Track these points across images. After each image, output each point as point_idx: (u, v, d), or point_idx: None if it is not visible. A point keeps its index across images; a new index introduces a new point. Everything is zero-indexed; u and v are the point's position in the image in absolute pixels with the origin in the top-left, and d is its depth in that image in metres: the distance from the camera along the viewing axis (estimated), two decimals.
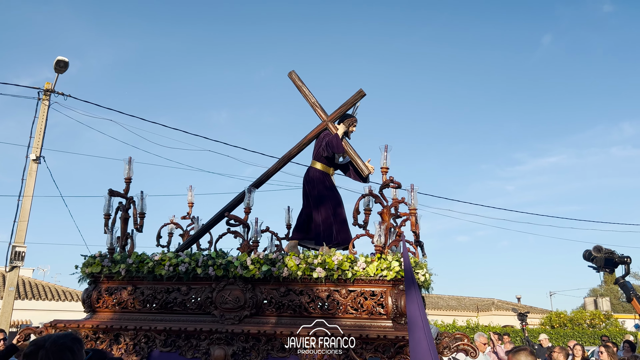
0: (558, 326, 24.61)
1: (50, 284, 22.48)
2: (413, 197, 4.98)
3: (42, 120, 12.67)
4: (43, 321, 19.51)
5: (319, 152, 5.56)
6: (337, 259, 4.44)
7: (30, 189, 12.21)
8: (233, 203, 5.72)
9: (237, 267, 4.60)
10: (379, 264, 4.41)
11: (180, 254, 4.91)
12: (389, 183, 4.91)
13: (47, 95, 12.78)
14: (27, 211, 12.21)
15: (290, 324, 4.41)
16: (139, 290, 4.89)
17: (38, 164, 12.48)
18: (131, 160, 5.37)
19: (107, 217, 5.22)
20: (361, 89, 5.63)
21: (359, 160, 5.51)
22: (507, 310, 30.77)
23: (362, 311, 4.41)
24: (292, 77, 5.98)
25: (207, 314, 4.65)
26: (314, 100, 5.83)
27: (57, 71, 12.64)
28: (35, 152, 12.43)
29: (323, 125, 5.70)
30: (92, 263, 4.97)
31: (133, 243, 5.16)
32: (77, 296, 21.46)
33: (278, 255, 4.63)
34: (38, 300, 20.19)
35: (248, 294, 4.57)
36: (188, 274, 4.73)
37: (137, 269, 4.85)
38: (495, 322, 25.73)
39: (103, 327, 4.67)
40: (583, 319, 25.43)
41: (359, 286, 4.47)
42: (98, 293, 4.96)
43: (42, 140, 12.62)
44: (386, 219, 4.74)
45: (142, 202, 5.36)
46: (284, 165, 5.78)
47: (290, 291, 4.57)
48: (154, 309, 4.83)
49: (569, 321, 25.24)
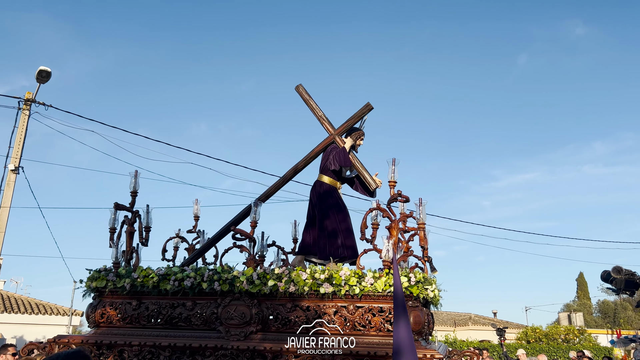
0: (534, 341, 25.14)
1: (22, 297, 22.04)
2: (421, 212, 4.91)
3: (22, 130, 12.46)
4: (16, 335, 19.15)
5: (326, 165, 5.51)
6: (344, 274, 4.37)
7: (8, 200, 11.98)
8: (239, 217, 5.67)
9: (243, 282, 4.53)
10: (387, 279, 4.33)
11: (186, 269, 4.85)
12: (397, 197, 4.85)
13: (28, 105, 12.61)
14: (4, 222, 11.96)
15: None
16: (143, 305, 4.82)
17: (17, 174, 12.23)
18: (137, 174, 5.34)
19: (113, 231, 5.17)
20: (369, 103, 5.61)
21: (366, 174, 5.46)
22: (484, 325, 31.49)
23: (370, 328, 4.32)
24: (299, 90, 5.96)
25: (212, 330, 4.58)
26: (321, 114, 5.81)
27: (39, 81, 12.43)
28: (14, 162, 12.21)
29: (330, 139, 5.66)
30: (97, 277, 4.92)
31: (138, 257, 5.10)
32: (50, 309, 21.14)
33: (284, 270, 4.56)
34: (10, 313, 19.67)
35: (254, 309, 4.49)
36: (193, 289, 4.66)
37: (142, 283, 4.79)
38: (473, 336, 26.27)
39: (107, 342, 4.59)
40: (558, 334, 25.97)
41: (367, 302, 4.39)
42: (102, 308, 4.89)
43: (22, 151, 12.41)
44: (394, 233, 4.67)
45: (148, 216, 5.32)
46: (290, 178, 5.74)
47: (297, 307, 4.49)
48: (158, 325, 4.75)
49: (544, 336, 25.76)
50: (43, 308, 21.01)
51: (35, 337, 19.26)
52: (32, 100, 12.69)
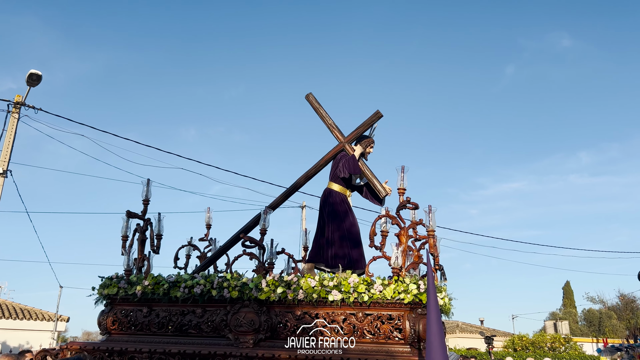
0: (520, 349, 25.18)
1: (7, 302, 21.52)
2: (431, 219, 4.88)
3: (11, 133, 12.45)
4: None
5: (335, 173, 5.52)
6: (352, 281, 4.36)
7: None
8: (249, 225, 5.69)
9: (252, 289, 4.54)
10: (396, 286, 4.30)
11: (196, 276, 4.88)
12: (406, 204, 4.83)
13: (17, 108, 12.57)
14: None
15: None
16: (154, 312, 4.86)
17: (4, 177, 12.21)
18: (149, 182, 5.40)
19: (125, 238, 5.23)
20: (378, 110, 5.61)
21: (376, 181, 5.45)
22: (471, 333, 31.59)
23: (379, 335, 4.29)
24: (309, 99, 5.99)
25: (221, 337, 4.59)
26: (332, 122, 5.82)
27: (29, 84, 12.44)
28: (2, 165, 12.20)
29: (340, 147, 5.67)
30: (108, 285, 4.97)
31: (150, 265, 5.15)
32: (35, 314, 20.68)
33: (293, 278, 4.56)
34: None
35: (263, 316, 4.49)
36: (203, 296, 4.69)
37: (153, 290, 4.83)
38: (461, 344, 26.70)
39: (118, 349, 4.63)
40: (544, 342, 26.00)
41: (376, 310, 4.36)
42: (114, 315, 4.94)
43: (10, 154, 12.38)
44: (403, 240, 4.65)
45: (160, 224, 5.37)
46: (301, 186, 5.75)
47: (306, 314, 4.49)
48: (169, 332, 4.78)
49: (530, 344, 25.84)
50: (28, 313, 20.54)
51: (19, 342, 18.72)
52: (22, 104, 12.61)
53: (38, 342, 18.19)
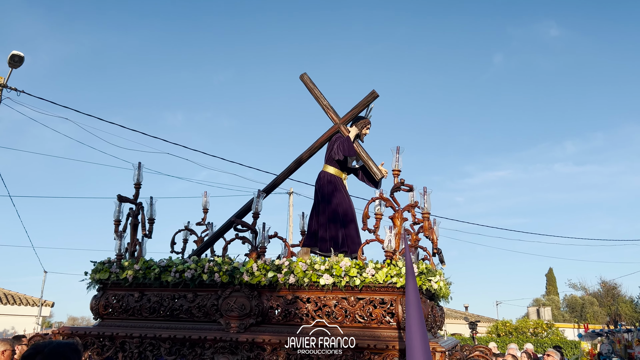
0: (504, 334, 25.69)
1: None
2: (426, 201, 4.75)
3: None
4: None
5: (330, 155, 5.40)
6: (344, 265, 4.26)
7: None
8: (244, 209, 5.61)
9: (243, 273, 4.47)
10: (389, 270, 4.20)
11: (187, 260, 4.82)
12: (400, 186, 4.70)
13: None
14: None
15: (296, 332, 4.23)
16: (145, 297, 4.81)
17: None
18: (140, 166, 5.32)
19: (117, 223, 5.17)
20: (374, 90, 5.46)
21: (372, 163, 5.32)
22: (455, 319, 31.75)
23: (371, 320, 4.20)
24: (304, 79, 5.85)
25: (212, 322, 4.53)
26: (326, 103, 5.69)
27: (11, 66, 12.15)
28: None
29: (335, 128, 5.54)
30: (100, 269, 4.93)
31: (142, 249, 5.09)
32: (19, 299, 20.42)
33: (284, 262, 4.47)
34: None
35: (254, 301, 4.42)
36: (194, 281, 4.62)
37: (144, 275, 4.78)
38: (445, 330, 26.36)
39: (109, 334, 4.60)
40: (527, 328, 26.57)
41: (368, 294, 4.27)
42: (106, 300, 4.91)
43: None
44: (397, 223, 4.53)
45: (152, 208, 5.31)
46: (294, 170, 5.64)
47: (297, 299, 4.41)
48: (160, 316, 4.74)
49: (514, 330, 26.40)
50: (12, 298, 20.28)
51: (3, 328, 18.62)
52: (4, 86, 12.36)
53: (22, 327, 18.17)
